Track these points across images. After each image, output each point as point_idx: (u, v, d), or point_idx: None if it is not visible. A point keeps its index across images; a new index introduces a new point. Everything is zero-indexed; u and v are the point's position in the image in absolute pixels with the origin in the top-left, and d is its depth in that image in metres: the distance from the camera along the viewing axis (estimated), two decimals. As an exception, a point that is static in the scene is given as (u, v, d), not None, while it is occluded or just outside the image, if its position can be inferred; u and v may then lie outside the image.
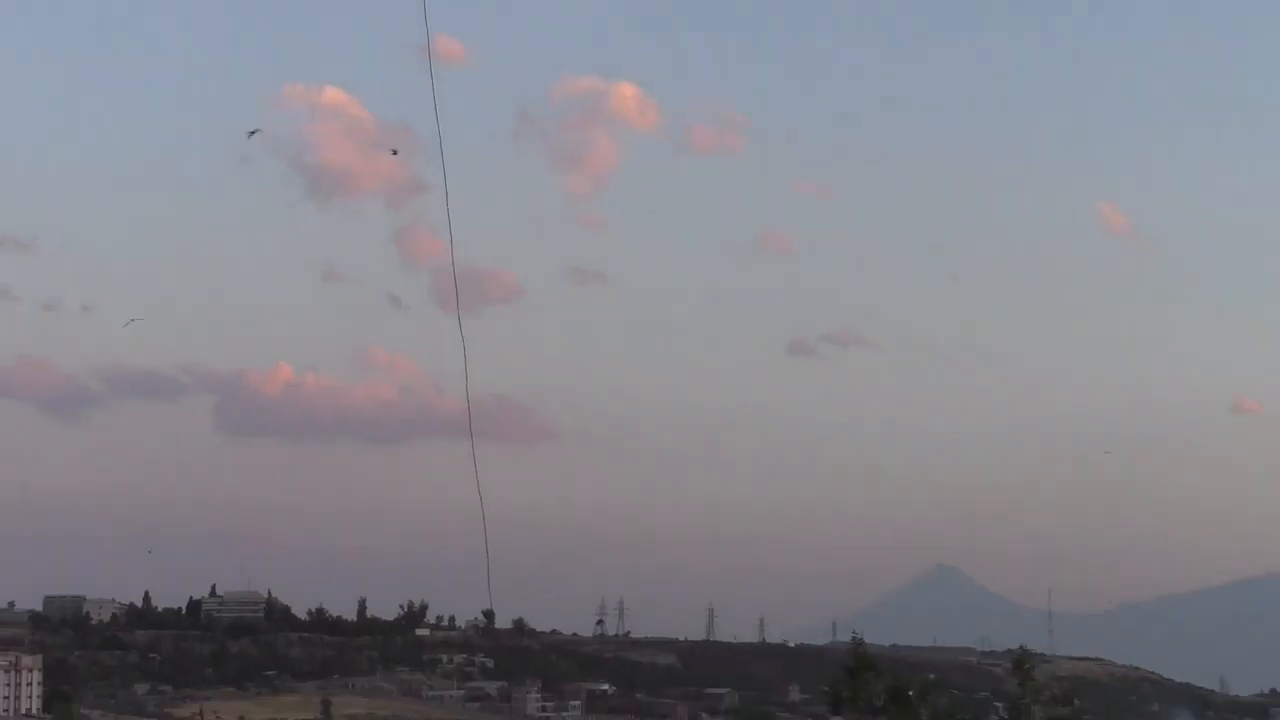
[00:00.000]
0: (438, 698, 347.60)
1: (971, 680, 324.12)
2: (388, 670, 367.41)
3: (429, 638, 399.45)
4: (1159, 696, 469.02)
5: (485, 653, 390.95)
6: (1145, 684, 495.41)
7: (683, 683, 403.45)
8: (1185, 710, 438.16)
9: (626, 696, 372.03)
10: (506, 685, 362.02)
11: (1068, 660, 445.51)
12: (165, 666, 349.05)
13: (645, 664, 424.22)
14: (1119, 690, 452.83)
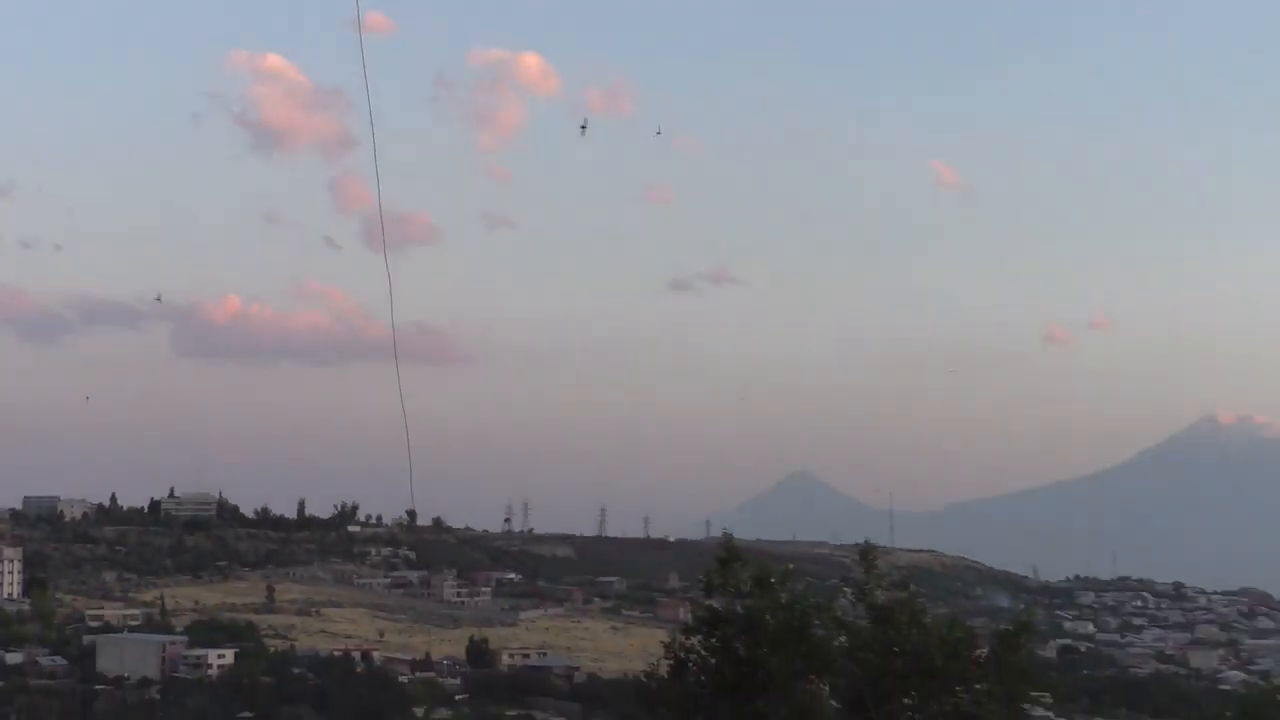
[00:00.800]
0: (366, 585, 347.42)
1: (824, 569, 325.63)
2: (323, 561, 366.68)
3: (359, 533, 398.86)
4: (981, 582, 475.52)
5: (408, 546, 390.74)
6: (970, 572, 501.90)
7: (578, 572, 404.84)
8: (1003, 593, 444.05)
9: (530, 583, 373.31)
10: (426, 574, 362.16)
11: (905, 552, 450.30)
12: (130, 557, 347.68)
13: (546, 556, 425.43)
14: (948, 577, 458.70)
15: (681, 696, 31.78)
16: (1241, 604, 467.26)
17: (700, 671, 31.92)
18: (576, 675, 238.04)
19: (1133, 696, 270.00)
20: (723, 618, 31.80)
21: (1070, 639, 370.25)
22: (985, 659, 30.53)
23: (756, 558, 34.52)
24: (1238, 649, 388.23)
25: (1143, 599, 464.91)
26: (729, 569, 32.48)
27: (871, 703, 29.74)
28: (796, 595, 32.24)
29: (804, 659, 31.19)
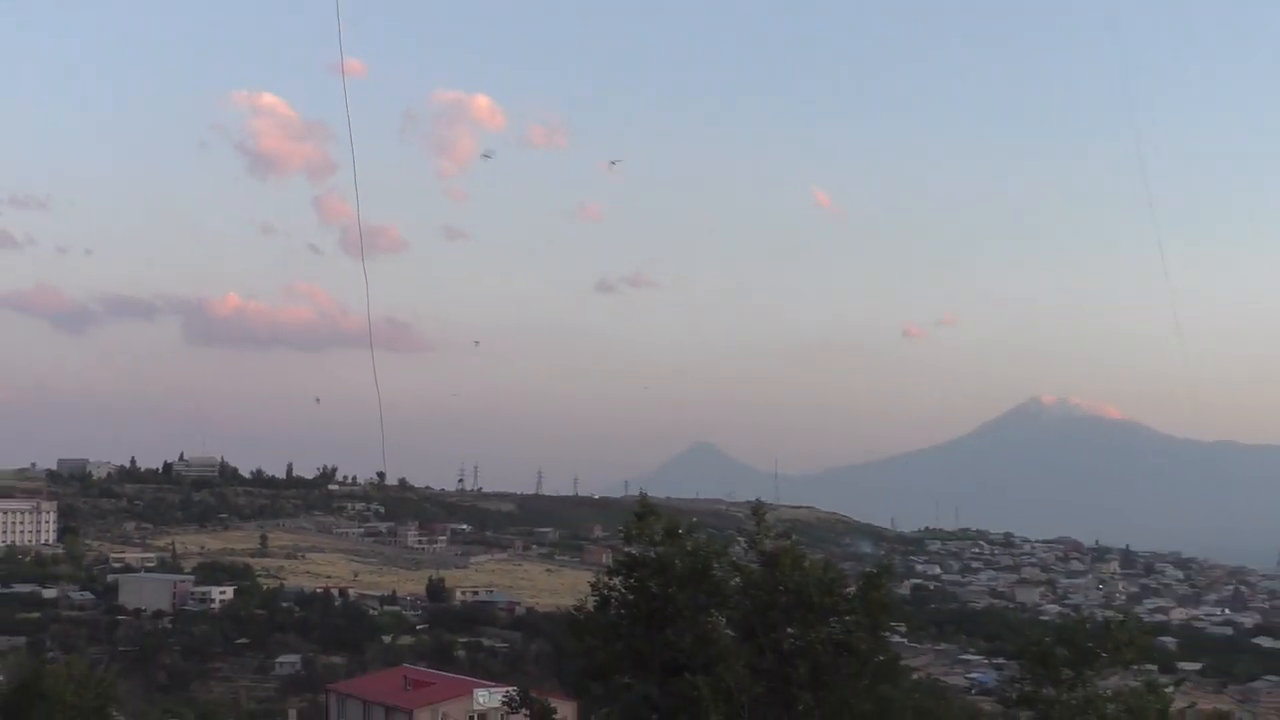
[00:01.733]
0: (343, 534, 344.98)
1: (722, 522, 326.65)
2: (308, 514, 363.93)
3: (338, 491, 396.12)
4: (850, 533, 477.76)
5: (378, 502, 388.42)
6: (841, 524, 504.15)
7: (519, 524, 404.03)
8: (867, 541, 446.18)
9: (478, 533, 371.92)
10: (393, 525, 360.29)
11: (788, 508, 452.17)
12: (147, 510, 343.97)
13: (492, 510, 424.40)
14: (823, 529, 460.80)
15: (604, 626, 31.86)
16: (1058, 550, 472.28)
17: (620, 606, 31.99)
18: (517, 609, 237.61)
19: (970, 626, 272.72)
20: (639, 562, 31.85)
21: (921, 579, 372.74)
22: (853, 595, 30.73)
23: (667, 513, 34.58)
24: (1055, 587, 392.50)
25: (979, 546, 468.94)
26: (644, 522, 32.52)
27: (760, 631, 29.93)
28: (699, 543, 32.34)
29: (705, 595, 31.33)
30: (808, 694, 29.41)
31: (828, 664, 29.34)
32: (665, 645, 30.13)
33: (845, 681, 29.56)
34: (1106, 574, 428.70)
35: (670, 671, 30.08)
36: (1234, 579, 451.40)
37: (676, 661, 29.87)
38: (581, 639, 32.25)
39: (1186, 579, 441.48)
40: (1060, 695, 29.88)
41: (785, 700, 29.53)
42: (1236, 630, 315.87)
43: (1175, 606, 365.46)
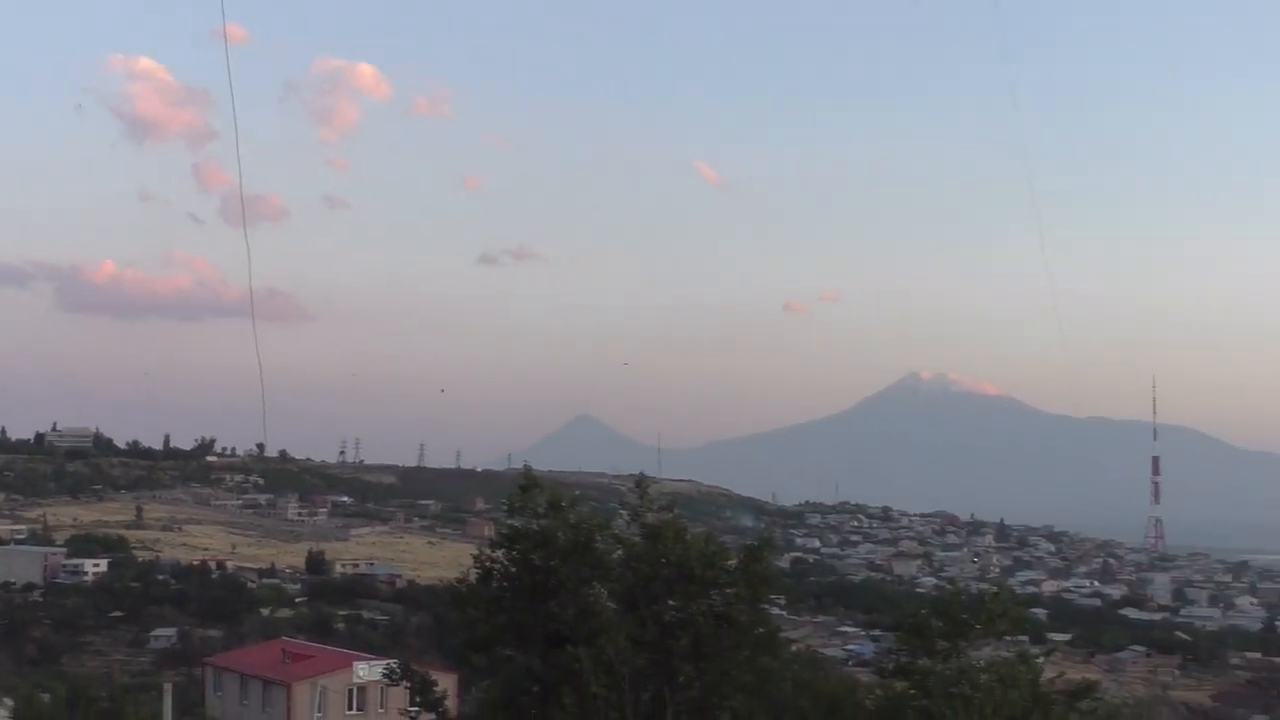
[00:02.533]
0: (222, 506, 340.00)
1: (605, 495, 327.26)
2: (185, 486, 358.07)
3: (216, 463, 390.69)
4: (731, 506, 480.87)
5: (258, 474, 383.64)
6: (722, 498, 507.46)
7: (401, 496, 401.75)
8: (749, 515, 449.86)
9: (360, 505, 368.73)
10: (273, 497, 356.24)
11: (670, 481, 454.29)
12: (17, 481, 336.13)
13: (374, 482, 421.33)
14: (705, 502, 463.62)
15: (487, 599, 31.85)
16: (935, 524, 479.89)
17: (503, 579, 31.99)
18: (399, 582, 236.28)
19: (848, 598, 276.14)
20: (522, 534, 31.86)
21: (801, 552, 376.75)
22: (734, 568, 31.00)
23: (550, 485, 34.62)
24: (931, 560, 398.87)
25: (858, 520, 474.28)
26: (527, 494, 32.52)
27: (643, 604, 30.10)
28: (582, 516, 32.42)
29: (588, 568, 31.42)
30: (689, 665, 29.67)
31: (709, 636, 29.60)
32: (548, 617, 30.21)
33: (726, 653, 29.84)
34: (981, 547, 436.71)
35: (552, 643, 30.17)
36: (1103, 552, 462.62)
37: (559, 634, 29.96)
38: (463, 611, 32.21)
39: (1058, 552, 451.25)
40: (936, 666, 30.44)
41: (666, 672, 29.77)
42: (1104, 602, 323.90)
43: (1047, 579, 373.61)
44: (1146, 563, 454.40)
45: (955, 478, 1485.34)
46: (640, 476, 34.12)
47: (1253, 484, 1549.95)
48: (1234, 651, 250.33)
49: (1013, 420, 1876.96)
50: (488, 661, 32.31)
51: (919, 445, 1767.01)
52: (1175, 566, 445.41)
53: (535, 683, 30.46)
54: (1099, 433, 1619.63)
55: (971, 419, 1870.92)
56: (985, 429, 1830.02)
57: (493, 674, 32.16)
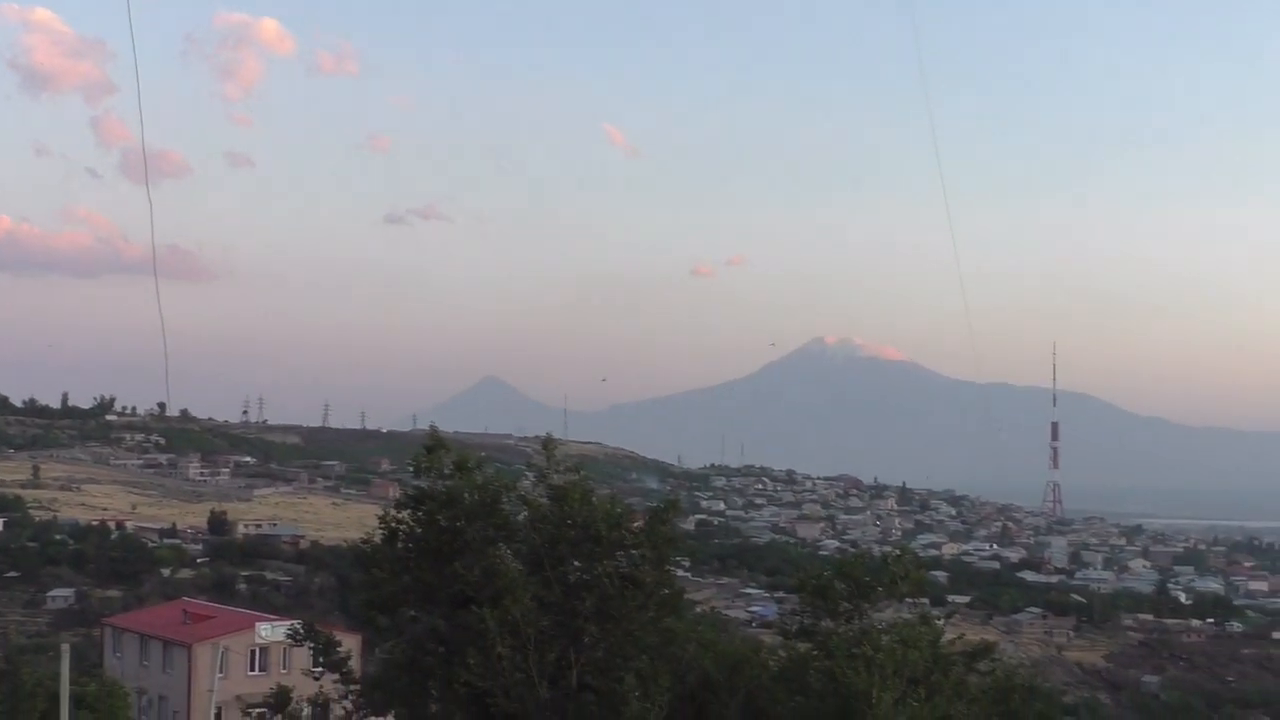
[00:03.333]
0: (122, 465, 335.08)
1: (511, 457, 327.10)
2: (83, 445, 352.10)
3: (116, 422, 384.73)
4: (637, 468, 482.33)
5: (159, 434, 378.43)
6: (628, 460, 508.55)
7: (305, 457, 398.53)
8: (654, 477, 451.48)
9: (263, 466, 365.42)
10: (174, 457, 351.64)
11: (576, 444, 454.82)
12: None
13: (278, 443, 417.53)
14: (610, 465, 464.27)
15: (392, 559, 31.73)
16: (838, 487, 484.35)
17: (408, 539, 31.89)
18: (302, 542, 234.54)
19: (752, 561, 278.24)
20: (428, 495, 31.75)
21: (706, 514, 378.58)
22: (640, 530, 31.10)
23: (456, 447, 34.52)
24: (835, 523, 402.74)
25: (763, 483, 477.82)
26: (433, 455, 32.40)
27: (549, 564, 30.12)
28: (489, 477, 32.38)
29: (494, 529, 31.40)
30: (594, 626, 29.76)
31: (614, 597, 29.69)
32: (453, 578, 30.14)
33: (631, 614, 29.96)
34: (884, 511, 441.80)
35: (458, 604, 30.12)
36: (1002, 516, 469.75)
37: (464, 594, 29.91)
38: (368, 572, 32.06)
39: (958, 516, 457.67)
40: (838, 627, 30.77)
41: (572, 632, 29.84)
42: (1003, 565, 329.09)
43: (947, 542, 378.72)
44: (1044, 526, 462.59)
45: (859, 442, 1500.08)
46: (546, 438, 34.14)
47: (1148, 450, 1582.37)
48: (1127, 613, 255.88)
49: (916, 385, 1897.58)
50: (392, 622, 32.23)
51: (823, 409, 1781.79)
52: (1072, 530, 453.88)
53: (440, 643, 30.43)
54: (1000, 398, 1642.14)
55: (875, 384, 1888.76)
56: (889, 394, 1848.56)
57: (397, 634, 32.09)
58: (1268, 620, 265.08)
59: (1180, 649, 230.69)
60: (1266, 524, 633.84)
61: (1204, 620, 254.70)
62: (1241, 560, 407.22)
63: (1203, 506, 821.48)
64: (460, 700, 29.08)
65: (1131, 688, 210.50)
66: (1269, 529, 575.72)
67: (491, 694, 28.53)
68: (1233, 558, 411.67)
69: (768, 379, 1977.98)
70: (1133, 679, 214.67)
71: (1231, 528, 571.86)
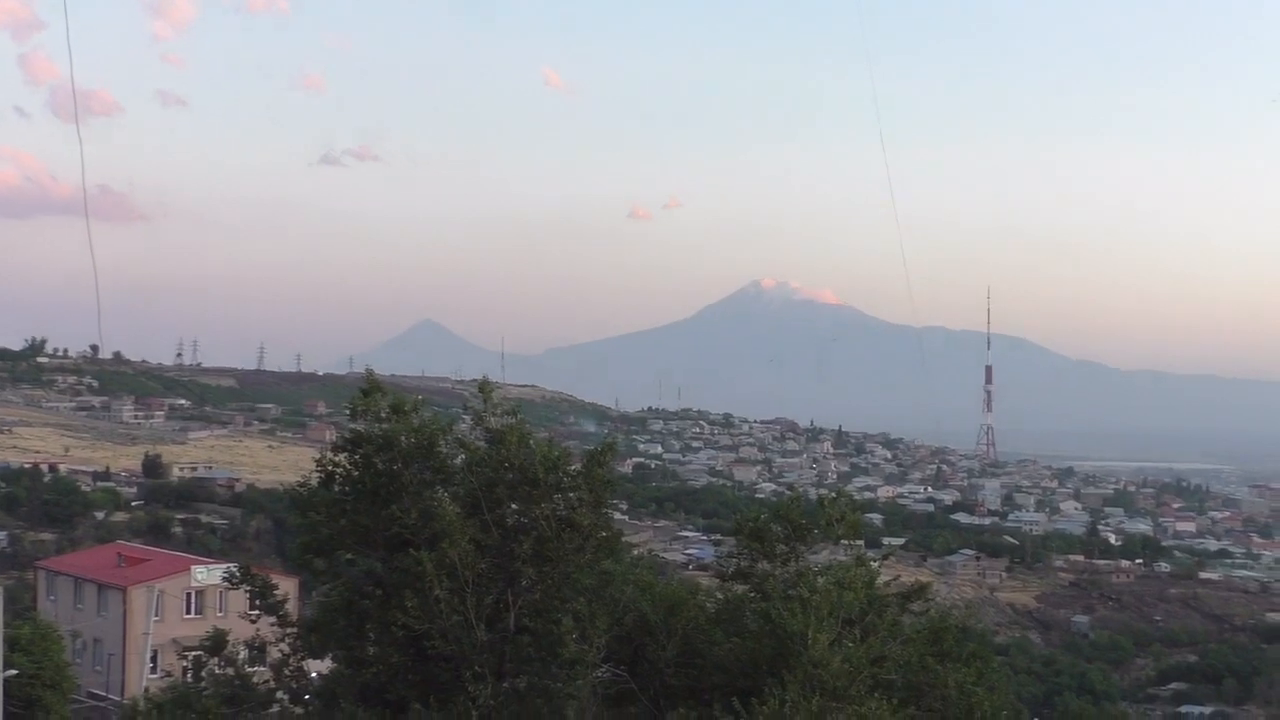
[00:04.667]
0: (54, 409, 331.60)
1: (448, 400, 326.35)
2: (14, 388, 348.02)
3: (48, 364, 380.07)
4: (574, 411, 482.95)
5: (92, 376, 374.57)
6: (565, 404, 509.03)
7: (240, 400, 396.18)
8: (591, 420, 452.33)
9: (198, 409, 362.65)
10: (108, 400, 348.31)
11: (514, 387, 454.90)
12: None
13: (213, 386, 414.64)
14: (548, 408, 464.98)
15: (329, 502, 31.63)
16: (775, 431, 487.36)
17: (345, 482, 31.78)
18: (237, 485, 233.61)
19: (690, 503, 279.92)
20: (364, 438, 31.63)
21: (643, 458, 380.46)
22: (577, 473, 31.15)
23: (393, 390, 34.39)
24: (771, 466, 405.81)
25: (700, 426, 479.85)
26: (370, 398, 32.28)
27: (486, 508, 30.13)
28: (426, 421, 32.30)
29: (431, 472, 31.36)
30: (531, 569, 29.85)
31: (551, 540, 29.77)
32: (390, 521, 30.08)
33: (568, 556, 30.05)
34: (820, 454, 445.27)
35: (395, 547, 30.11)
36: (936, 459, 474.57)
37: (401, 537, 29.90)
38: (304, 515, 31.93)
39: (894, 459, 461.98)
40: (775, 569, 30.99)
41: (509, 575, 29.93)
42: (937, 507, 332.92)
43: (883, 485, 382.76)
44: (978, 469, 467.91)
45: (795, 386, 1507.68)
46: (483, 381, 34.00)
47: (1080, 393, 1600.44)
48: (1058, 554, 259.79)
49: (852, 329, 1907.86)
50: (329, 565, 32.18)
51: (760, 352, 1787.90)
52: (1005, 473, 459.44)
53: (377, 586, 30.43)
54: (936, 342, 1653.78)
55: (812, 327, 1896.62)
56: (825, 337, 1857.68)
57: (334, 577, 32.05)
58: (1194, 560, 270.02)
59: (1110, 589, 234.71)
60: (1194, 465, 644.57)
61: (1133, 561, 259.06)
62: (1170, 501, 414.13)
63: (1133, 449, 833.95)
64: (397, 642, 29.11)
65: (1061, 627, 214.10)
66: (1196, 470, 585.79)
67: (429, 636, 28.58)
68: (1161, 499, 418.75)
69: (705, 322, 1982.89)
70: (1063, 619, 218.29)
71: (1160, 469, 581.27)
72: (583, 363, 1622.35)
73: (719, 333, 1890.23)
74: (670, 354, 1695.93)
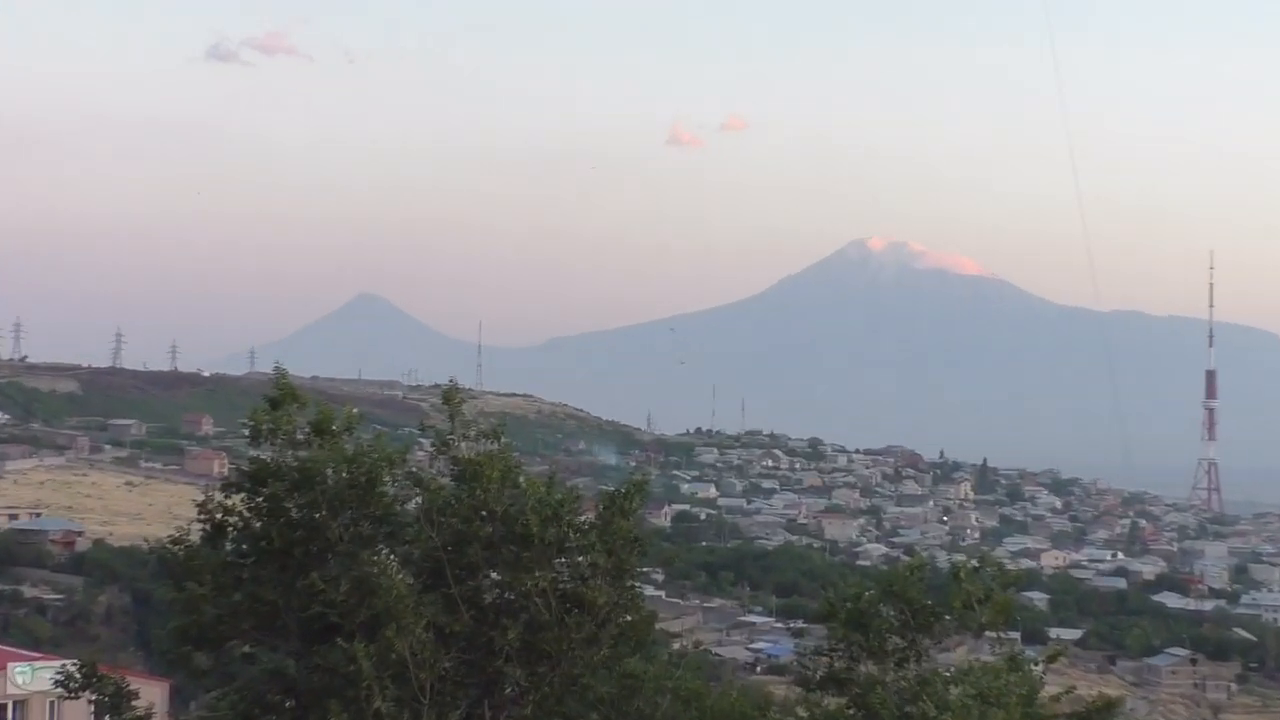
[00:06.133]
0: None
1: (398, 414, 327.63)
2: None
3: None
4: (585, 434, 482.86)
5: None
6: (572, 421, 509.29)
7: (85, 412, 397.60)
8: (611, 447, 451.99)
9: (22, 426, 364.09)
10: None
11: (496, 396, 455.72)
12: None
13: (44, 391, 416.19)
14: (547, 427, 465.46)
15: (218, 566, 31.70)
16: (887, 464, 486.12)
17: (243, 538, 31.89)
18: (79, 542, 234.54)
19: (758, 573, 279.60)
20: (272, 471, 31.74)
21: (688, 504, 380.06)
22: (589, 526, 31.21)
23: (315, 398, 34.49)
24: (881, 517, 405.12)
25: (774, 457, 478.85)
26: (281, 411, 32.40)
27: (453, 576, 30.16)
28: (364, 446, 32.39)
29: (371, 523, 31.41)
30: (519, 669, 29.89)
31: (549, 625, 29.82)
32: (308, 596, 30.19)
33: (574, 651, 30.11)
34: (955, 500, 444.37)
35: (315, 635, 30.18)
36: (1130, 509, 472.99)
37: (324, 620, 29.98)
38: (181, 587, 32.10)
39: (1066, 509, 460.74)
40: (885, 674, 30.99)
41: (486, 678, 29.97)
42: (1132, 583, 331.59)
43: (1049, 548, 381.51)
44: (1194, 526, 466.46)
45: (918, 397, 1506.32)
46: (450, 388, 34.09)
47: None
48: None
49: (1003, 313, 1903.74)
50: (216, 661, 32.31)
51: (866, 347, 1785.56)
52: (1236, 532, 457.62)
53: (287, 693, 30.54)
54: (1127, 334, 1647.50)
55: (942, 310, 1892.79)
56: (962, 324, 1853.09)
57: (224, 679, 32.17)
58: None
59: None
60: None
61: None
62: None
63: None
64: (318, 780, 29.28)
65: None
66: None
67: (366, 770, 28.72)
68: None
69: (782, 301, 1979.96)
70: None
71: None
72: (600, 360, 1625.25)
73: (803, 316, 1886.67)
74: (730, 348, 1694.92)
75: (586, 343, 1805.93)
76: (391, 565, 30.21)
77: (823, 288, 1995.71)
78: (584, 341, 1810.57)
